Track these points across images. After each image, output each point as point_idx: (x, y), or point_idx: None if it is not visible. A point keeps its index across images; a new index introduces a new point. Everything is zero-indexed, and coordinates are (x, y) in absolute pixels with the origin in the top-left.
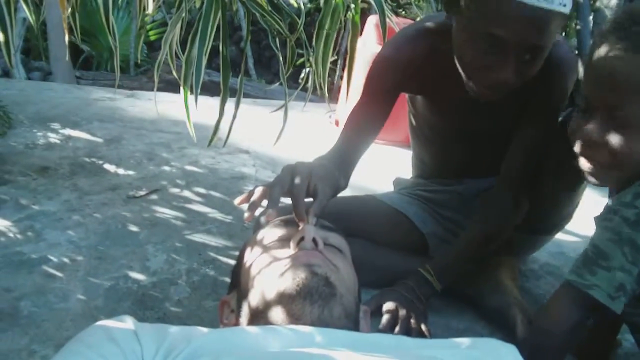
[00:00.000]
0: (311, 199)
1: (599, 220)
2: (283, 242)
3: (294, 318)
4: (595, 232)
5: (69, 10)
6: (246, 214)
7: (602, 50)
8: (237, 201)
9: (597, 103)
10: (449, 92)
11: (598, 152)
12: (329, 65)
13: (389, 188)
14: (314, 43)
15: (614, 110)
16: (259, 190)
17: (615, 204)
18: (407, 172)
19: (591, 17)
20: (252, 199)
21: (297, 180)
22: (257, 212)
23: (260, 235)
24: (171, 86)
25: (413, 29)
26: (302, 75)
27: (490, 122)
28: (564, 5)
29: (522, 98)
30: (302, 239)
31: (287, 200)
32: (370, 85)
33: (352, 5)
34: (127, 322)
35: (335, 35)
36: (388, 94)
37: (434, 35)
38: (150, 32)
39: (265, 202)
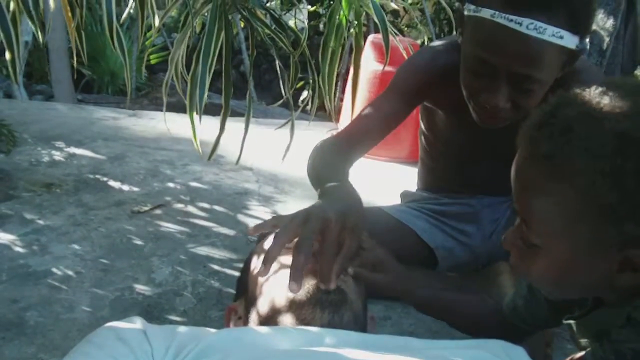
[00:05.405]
0: None
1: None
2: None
3: (304, 323)
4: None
5: (74, 26)
6: (262, 268)
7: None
8: (251, 231)
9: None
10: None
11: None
12: (334, 83)
13: (392, 203)
14: (320, 62)
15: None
16: (278, 241)
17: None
18: (410, 188)
19: (588, 40)
20: (271, 252)
21: (328, 238)
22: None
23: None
24: (172, 108)
25: (451, 40)
26: (302, 97)
27: (511, 145)
28: (561, 37)
29: None
30: None
31: None
32: (396, 84)
33: (355, 23)
34: (137, 323)
35: (339, 53)
36: (411, 96)
37: None
38: (151, 56)
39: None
